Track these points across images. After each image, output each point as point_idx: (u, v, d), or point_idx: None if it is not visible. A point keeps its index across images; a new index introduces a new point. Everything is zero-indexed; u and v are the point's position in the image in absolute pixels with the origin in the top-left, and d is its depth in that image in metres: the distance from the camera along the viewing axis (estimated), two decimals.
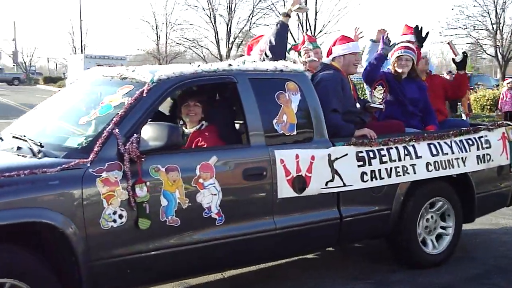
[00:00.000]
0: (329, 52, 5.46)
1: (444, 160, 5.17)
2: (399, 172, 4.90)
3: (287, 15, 5.20)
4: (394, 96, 5.75)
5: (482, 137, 5.52)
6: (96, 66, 5.24)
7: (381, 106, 5.43)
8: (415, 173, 4.99)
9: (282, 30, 5.15)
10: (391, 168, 4.86)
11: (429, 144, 5.13)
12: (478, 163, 5.45)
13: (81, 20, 48.85)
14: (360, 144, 4.72)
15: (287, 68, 4.63)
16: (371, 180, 4.75)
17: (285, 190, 4.31)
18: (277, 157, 4.27)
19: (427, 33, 6.30)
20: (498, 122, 5.85)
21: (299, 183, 4.37)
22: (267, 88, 4.47)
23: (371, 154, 4.77)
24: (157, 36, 46.78)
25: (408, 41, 6.28)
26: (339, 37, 5.52)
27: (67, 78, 37.80)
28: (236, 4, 39.93)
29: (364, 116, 5.33)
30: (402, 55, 5.76)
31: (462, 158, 5.30)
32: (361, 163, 4.70)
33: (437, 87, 6.33)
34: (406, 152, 4.96)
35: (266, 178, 4.24)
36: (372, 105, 5.53)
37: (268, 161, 4.26)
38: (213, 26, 40.46)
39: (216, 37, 40.77)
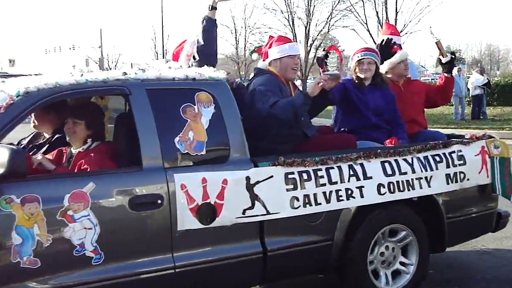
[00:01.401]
0: (265, 55, 4.75)
1: (402, 181, 4.37)
2: (341, 196, 4.13)
3: (213, 8, 4.52)
4: (355, 106, 5.01)
5: (453, 152, 4.68)
6: None
7: (337, 73, 4.51)
8: (362, 196, 4.21)
9: (209, 26, 4.51)
10: (330, 192, 4.09)
11: (383, 162, 4.34)
12: (447, 183, 4.61)
13: (162, 26, 49.18)
14: (290, 164, 3.98)
15: (202, 76, 3.96)
16: (304, 206, 4.00)
17: (187, 221, 3.63)
18: (177, 181, 3.60)
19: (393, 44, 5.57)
20: (478, 134, 5.00)
21: (207, 212, 3.68)
22: (170, 100, 3.81)
23: (305, 176, 4.02)
24: (236, 40, 47.48)
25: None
26: (275, 38, 4.80)
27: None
28: (314, 6, 39.08)
29: (308, 129, 4.59)
30: (363, 58, 5.01)
31: (426, 177, 4.48)
32: (291, 186, 3.96)
33: (416, 94, 5.52)
34: (351, 172, 4.19)
35: (162, 207, 3.56)
36: (327, 73, 4.57)
37: (165, 187, 3.59)
38: (292, 29, 39.67)
39: (295, 40, 39.31)
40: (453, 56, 5.52)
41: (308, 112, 4.76)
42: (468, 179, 4.73)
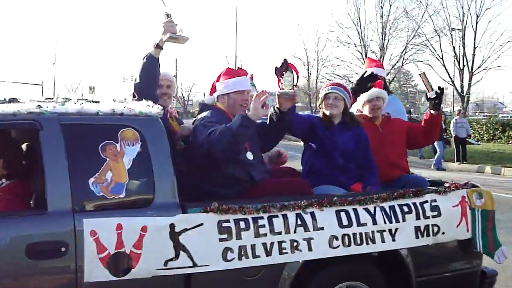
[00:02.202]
0: (212, 89, 4.38)
1: (360, 233, 3.88)
2: (285, 248, 3.67)
3: (158, 47, 4.16)
4: (321, 146, 4.58)
5: (426, 202, 4.17)
6: None
7: (291, 91, 4.14)
8: (310, 250, 3.74)
9: (149, 65, 4.12)
10: (272, 243, 3.64)
11: (338, 211, 3.87)
12: (417, 237, 4.10)
13: (236, 57, 50.26)
14: (225, 210, 3.56)
15: (131, 111, 3.62)
16: (239, 259, 3.55)
17: (96, 272, 3.23)
18: (86, 227, 3.22)
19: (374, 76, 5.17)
20: (459, 183, 4.47)
21: (121, 262, 3.28)
22: (90, 137, 3.48)
23: (242, 224, 3.59)
24: (308, 72, 47.42)
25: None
26: (223, 71, 4.42)
27: None
28: (388, 40, 38.69)
29: (256, 171, 4.15)
30: (329, 93, 4.61)
31: (390, 230, 3.98)
32: (224, 236, 3.53)
33: (396, 133, 5.04)
34: (299, 222, 3.73)
35: (67, 255, 3.19)
36: (281, 91, 4.18)
37: (71, 233, 3.21)
38: (365, 62, 39.12)
39: None
40: (439, 91, 5.02)
41: (267, 141, 4.43)
42: (443, 233, 4.20)
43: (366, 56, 38.23)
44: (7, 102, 13.73)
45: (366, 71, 5.28)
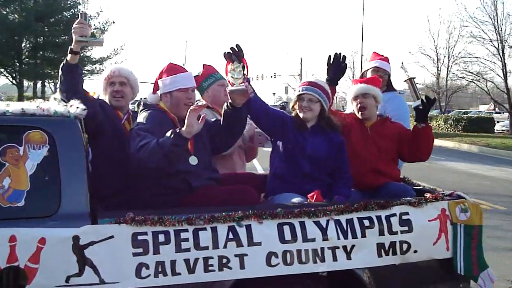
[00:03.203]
0: (155, 87, 3.98)
1: (306, 250, 3.38)
2: (211, 265, 3.23)
3: (73, 52, 3.80)
4: (289, 149, 4.12)
5: (394, 215, 3.62)
6: None
7: (241, 87, 3.75)
8: (242, 267, 3.27)
9: (67, 73, 3.75)
10: (196, 260, 3.21)
11: (281, 225, 3.39)
12: (380, 255, 3.55)
13: (362, 55, 50.64)
14: (141, 221, 3.16)
15: (44, 111, 3.31)
16: (156, 276, 3.14)
17: None
18: None
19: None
20: (439, 193, 3.88)
21: (13, 277, 2.95)
22: None
23: (161, 238, 3.18)
24: (437, 70, 46.80)
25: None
26: (165, 67, 4.00)
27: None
28: None
29: (197, 179, 3.73)
30: (303, 93, 4.15)
31: (345, 246, 3.46)
32: (139, 250, 3.14)
33: (386, 138, 4.47)
34: (231, 236, 3.29)
35: None
36: (232, 88, 3.80)
37: None
38: (501, 58, 37.58)
39: (504, 70, 37.83)
40: (425, 101, 4.41)
41: (222, 140, 4.07)
42: (415, 251, 3.63)
43: (503, 52, 37.06)
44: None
45: (330, 56, 4.69)
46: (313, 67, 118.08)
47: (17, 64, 40.71)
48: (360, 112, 4.47)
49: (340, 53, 4.63)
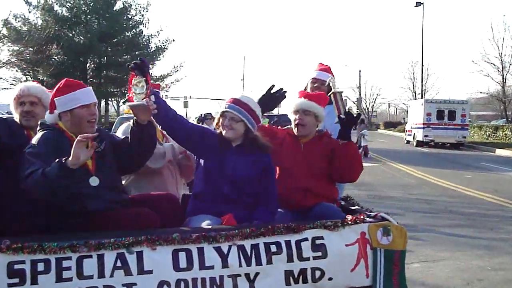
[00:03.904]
0: (51, 106, 3.77)
1: (204, 278, 3.18)
2: None
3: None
4: (208, 168, 3.92)
5: (305, 240, 3.36)
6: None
7: (141, 102, 3.55)
8: None
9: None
10: None
11: (176, 251, 3.19)
12: (288, 284, 3.31)
13: (422, 65, 50.81)
14: (17, 249, 3.03)
15: None
16: None
17: None
18: None
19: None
20: (361, 215, 3.56)
21: None
22: None
23: (41, 266, 3.04)
24: (503, 78, 46.36)
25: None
26: (61, 83, 3.75)
27: (406, 122, 39.92)
28: None
29: (96, 201, 3.55)
30: (225, 111, 3.92)
31: (247, 274, 3.23)
32: (15, 280, 3.00)
33: (319, 156, 4.18)
34: (119, 264, 3.12)
35: None
36: (132, 103, 3.62)
37: None
38: None
39: None
40: (344, 118, 4.09)
41: (132, 159, 3.84)
42: (330, 279, 3.37)
43: None
44: (203, 118, 14.49)
45: (273, 85, 4.39)
46: (372, 79, 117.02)
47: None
48: (296, 128, 4.19)
49: (280, 88, 4.36)
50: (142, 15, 43.50)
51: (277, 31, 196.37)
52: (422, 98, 45.91)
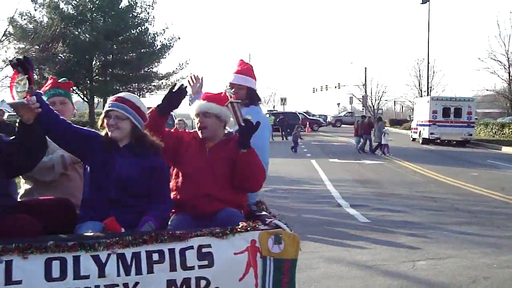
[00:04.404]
0: None
1: None
2: None
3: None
4: (93, 171, 3.74)
5: (191, 248, 3.25)
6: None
7: (21, 101, 3.34)
8: None
9: None
10: None
11: (50, 260, 3.02)
12: None
13: (428, 63, 50.86)
14: None
15: None
16: None
17: None
18: None
19: None
20: (256, 222, 3.51)
21: None
22: None
23: None
24: (509, 75, 46.38)
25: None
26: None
27: (412, 120, 39.94)
28: None
29: None
30: (109, 110, 3.74)
31: (126, 284, 3.09)
32: None
33: (223, 160, 3.97)
34: None
35: None
36: (11, 101, 3.43)
37: None
38: None
39: None
40: (243, 126, 3.85)
41: (20, 160, 3.55)
42: None
43: None
44: None
45: (175, 83, 4.15)
46: (377, 76, 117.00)
47: (88, 81, 42.37)
48: (200, 131, 4.02)
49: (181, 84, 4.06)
50: (148, 13, 43.51)
51: (283, 29, 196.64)
52: (428, 95, 45.89)
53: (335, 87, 76.37)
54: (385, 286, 6.01)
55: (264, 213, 4.01)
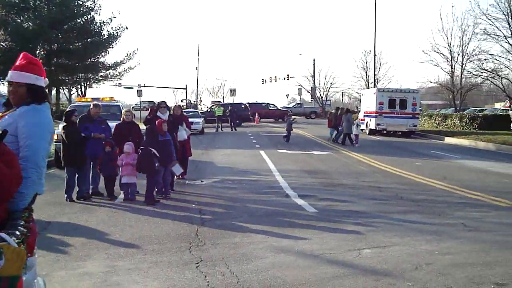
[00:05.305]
0: None
1: None
2: None
3: None
4: None
5: None
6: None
7: None
8: None
9: None
10: None
11: None
12: None
13: (375, 55, 51.58)
14: None
15: None
16: None
17: None
18: None
19: None
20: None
21: None
22: None
23: None
24: (452, 68, 47.28)
25: None
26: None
27: (359, 111, 40.17)
28: None
29: None
30: None
31: None
32: None
33: None
34: None
35: None
36: None
37: None
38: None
39: None
40: None
41: None
42: None
43: None
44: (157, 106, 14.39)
45: None
46: (325, 68, 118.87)
47: None
48: None
49: None
50: (94, 1, 42.80)
51: (232, 20, 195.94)
52: (374, 87, 46.78)
53: (284, 78, 77.07)
54: (332, 274, 6.09)
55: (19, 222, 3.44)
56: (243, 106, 47.28)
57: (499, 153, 24.28)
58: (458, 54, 45.40)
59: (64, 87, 49.48)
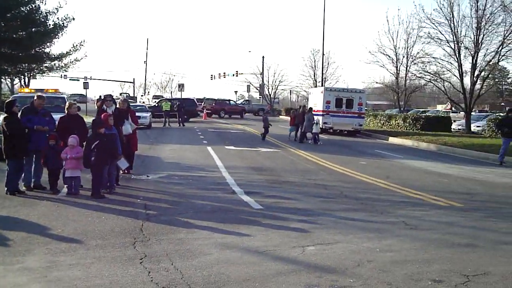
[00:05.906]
0: None
1: None
2: None
3: None
4: None
5: None
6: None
7: None
8: None
9: None
10: None
11: None
12: None
13: (323, 54, 51.92)
14: None
15: None
16: None
17: None
18: None
19: None
20: None
21: None
22: None
23: None
24: (397, 69, 48.01)
25: None
26: None
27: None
28: (484, 36, 37.22)
29: None
30: None
31: None
32: None
33: None
34: None
35: None
36: None
37: None
38: (457, 59, 38.27)
39: (460, 71, 38.63)
40: None
41: None
42: None
43: (459, 52, 37.79)
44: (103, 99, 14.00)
45: None
46: (274, 65, 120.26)
47: None
48: None
49: None
50: None
51: (182, 14, 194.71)
52: (322, 86, 47.44)
53: (233, 74, 77.21)
54: (276, 271, 6.15)
55: None
56: (191, 101, 47.36)
57: (439, 153, 25.04)
58: (403, 56, 46.56)
59: (6, 77, 47.94)
